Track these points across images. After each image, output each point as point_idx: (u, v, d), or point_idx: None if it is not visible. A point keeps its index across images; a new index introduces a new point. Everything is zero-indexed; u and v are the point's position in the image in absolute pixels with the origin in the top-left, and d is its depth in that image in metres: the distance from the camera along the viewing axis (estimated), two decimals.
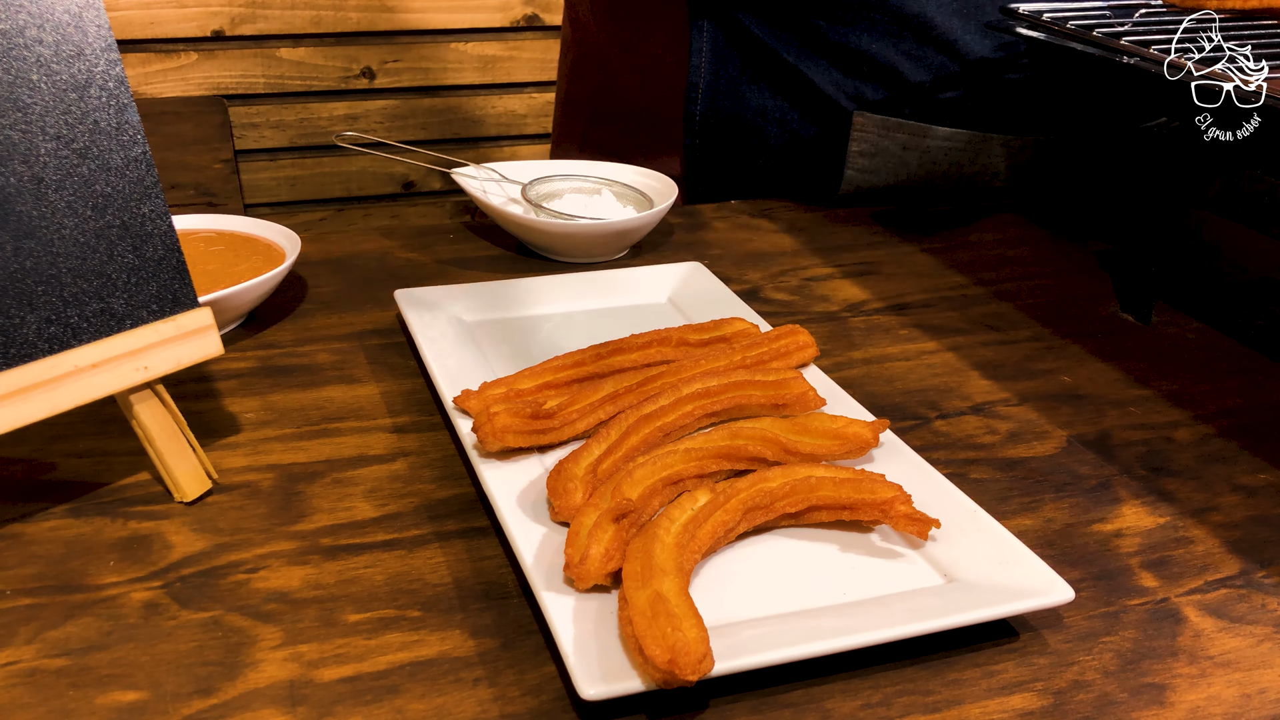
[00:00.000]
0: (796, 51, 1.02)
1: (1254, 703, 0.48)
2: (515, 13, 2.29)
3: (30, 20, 0.52)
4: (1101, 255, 0.95)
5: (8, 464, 0.62)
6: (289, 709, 0.46)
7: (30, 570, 0.54)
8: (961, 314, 0.83)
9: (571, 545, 0.50)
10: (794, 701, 0.47)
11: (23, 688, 0.47)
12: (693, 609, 0.46)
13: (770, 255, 0.93)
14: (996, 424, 0.68)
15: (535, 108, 2.39)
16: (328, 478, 0.61)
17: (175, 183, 2.00)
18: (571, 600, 0.49)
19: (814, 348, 0.70)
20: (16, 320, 0.52)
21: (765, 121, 1.05)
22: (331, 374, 0.72)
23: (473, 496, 0.60)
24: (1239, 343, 0.80)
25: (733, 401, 0.62)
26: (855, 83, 1.02)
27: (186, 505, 0.58)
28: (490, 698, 0.46)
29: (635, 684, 0.44)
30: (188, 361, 0.58)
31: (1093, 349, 0.79)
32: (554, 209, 0.91)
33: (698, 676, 0.43)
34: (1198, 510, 0.61)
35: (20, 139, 0.52)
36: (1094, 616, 0.52)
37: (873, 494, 0.54)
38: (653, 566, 0.48)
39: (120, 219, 0.56)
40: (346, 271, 0.87)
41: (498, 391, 0.63)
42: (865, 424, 0.60)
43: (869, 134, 1.02)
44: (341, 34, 2.20)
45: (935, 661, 0.49)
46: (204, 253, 0.80)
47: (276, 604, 0.52)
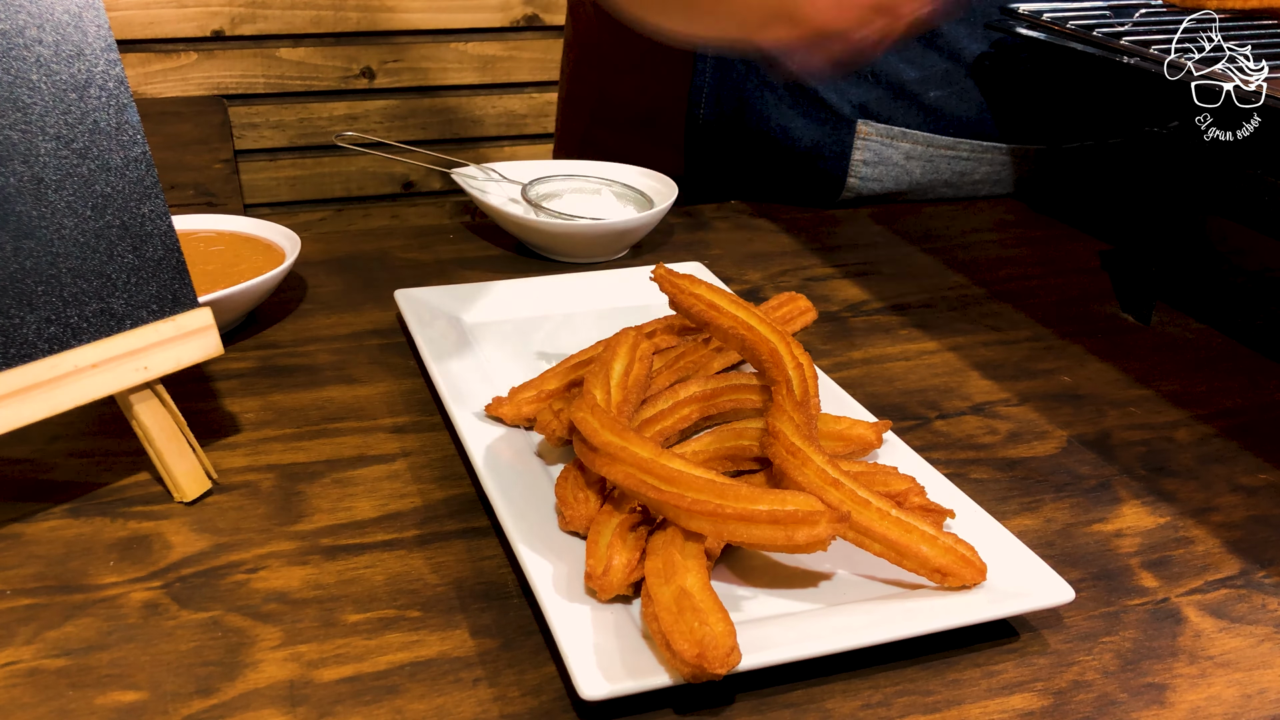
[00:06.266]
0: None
1: (1254, 703, 0.48)
2: (515, 13, 2.29)
3: (30, 20, 0.53)
4: (1102, 255, 0.95)
5: (8, 464, 0.62)
6: (289, 709, 0.46)
7: (30, 570, 0.54)
8: (961, 314, 0.83)
9: (592, 556, 0.50)
10: (794, 701, 0.47)
11: (23, 688, 0.47)
12: (718, 603, 0.46)
13: (770, 255, 0.93)
14: (996, 424, 0.68)
15: (535, 108, 2.39)
16: (328, 478, 0.61)
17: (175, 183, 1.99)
18: (571, 600, 0.49)
19: (814, 311, 0.71)
20: (16, 320, 0.52)
21: (768, 127, 1.05)
22: (331, 374, 0.72)
23: (473, 496, 0.60)
24: (1239, 343, 0.80)
25: (731, 404, 0.62)
26: (859, 90, 1.02)
27: (186, 505, 0.58)
28: (490, 698, 0.46)
29: (636, 684, 0.44)
30: (188, 361, 0.58)
31: (1093, 349, 0.79)
32: (554, 209, 0.91)
33: (726, 670, 0.43)
34: (1198, 510, 0.61)
35: (20, 139, 0.52)
36: (1094, 616, 0.52)
37: (886, 486, 0.54)
38: (675, 562, 0.48)
39: (120, 219, 0.56)
40: (346, 271, 0.87)
41: (528, 395, 0.63)
42: (868, 425, 0.60)
43: (872, 142, 1.02)
44: (341, 34, 2.20)
45: (935, 661, 0.49)
46: (204, 253, 0.79)
47: (276, 604, 0.52)
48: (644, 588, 0.48)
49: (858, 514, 0.50)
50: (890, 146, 1.03)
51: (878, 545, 0.50)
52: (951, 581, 0.50)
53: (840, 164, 1.04)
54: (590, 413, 0.53)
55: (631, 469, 0.50)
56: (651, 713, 0.46)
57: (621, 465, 0.51)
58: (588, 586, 0.49)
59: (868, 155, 1.03)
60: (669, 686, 0.45)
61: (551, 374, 0.65)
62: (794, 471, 0.52)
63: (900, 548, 0.50)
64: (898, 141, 1.03)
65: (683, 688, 0.46)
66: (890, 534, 0.50)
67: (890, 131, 1.02)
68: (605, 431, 0.52)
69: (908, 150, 1.03)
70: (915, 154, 1.04)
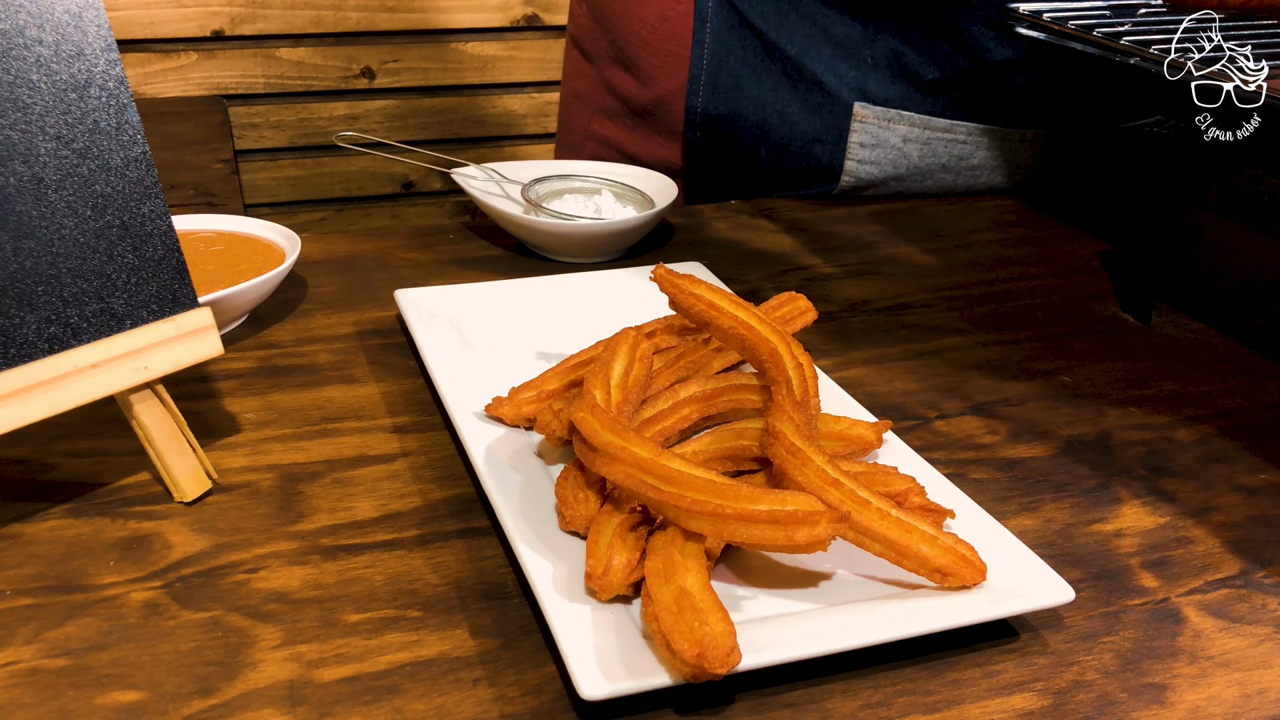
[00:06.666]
0: (799, 44, 1.02)
1: (1254, 703, 0.48)
2: (515, 13, 2.29)
3: (30, 20, 0.52)
4: (1102, 255, 0.95)
5: (8, 464, 0.62)
6: (289, 709, 0.46)
7: (30, 570, 0.54)
8: (961, 314, 0.83)
9: (593, 556, 0.50)
10: (794, 701, 0.47)
11: (23, 688, 0.47)
12: (718, 603, 0.46)
13: (770, 255, 0.93)
14: (996, 424, 0.68)
15: (535, 108, 2.39)
16: (328, 478, 0.61)
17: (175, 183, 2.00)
18: (571, 600, 0.49)
19: (814, 311, 0.71)
20: (16, 320, 0.52)
21: (766, 114, 1.05)
22: (331, 374, 0.72)
23: (473, 496, 0.60)
24: (1239, 343, 0.80)
25: (731, 404, 0.62)
26: (858, 75, 1.02)
27: (186, 505, 0.58)
28: (490, 698, 0.46)
29: (636, 684, 0.44)
30: (188, 361, 0.58)
31: (1093, 349, 0.79)
32: (554, 209, 0.91)
33: (726, 670, 0.43)
34: (1198, 510, 0.61)
35: (20, 139, 0.52)
36: (1094, 616, 0.52)
37: (886, 486, 0.54)
38: (675, 562, 0.48)
39: (120, 219, 0.56)
40: (346, 271, 0.87)
41: (528, 395, 0.63)
42: (868, 425, 0.60)
43: (869, 125, 1.03)
44: (341, 34, 2.20)
45: (935, 661, 0.49)
46: (204, 253, 0.79)
47: (276, 604, 0.52)
48: (644, 588, 0.48)
49: (858, 514, 0.50)
50: (887, 129, 1.03)
51: (878, 545, 0.50)
52: (951, 581, 0.50)
53: (838, 147, 1.04)
54: (590, 413, 0.53)
55: (631, 469, 0.50)
56: (651, 713, 0.46)
57: (621, 465, 0.51)
58: (588, 586, 0.49)
59: (864, 138, 1.03)
60: (669, 686, 0.45)
61: (551, 374, 0.65)
62: (794, 471, 0.52)
63: (900, 548, 0.50)
64: (895, 124, 1.03)
65: (683, 688, 0.46)
66: (890, 534, 0.50)
67: (887, 114, 1.03)
68: (605, 431, 0.52)
69: (904, 133, 1.03)
70: (912, 136, 1.04)
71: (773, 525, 0.47)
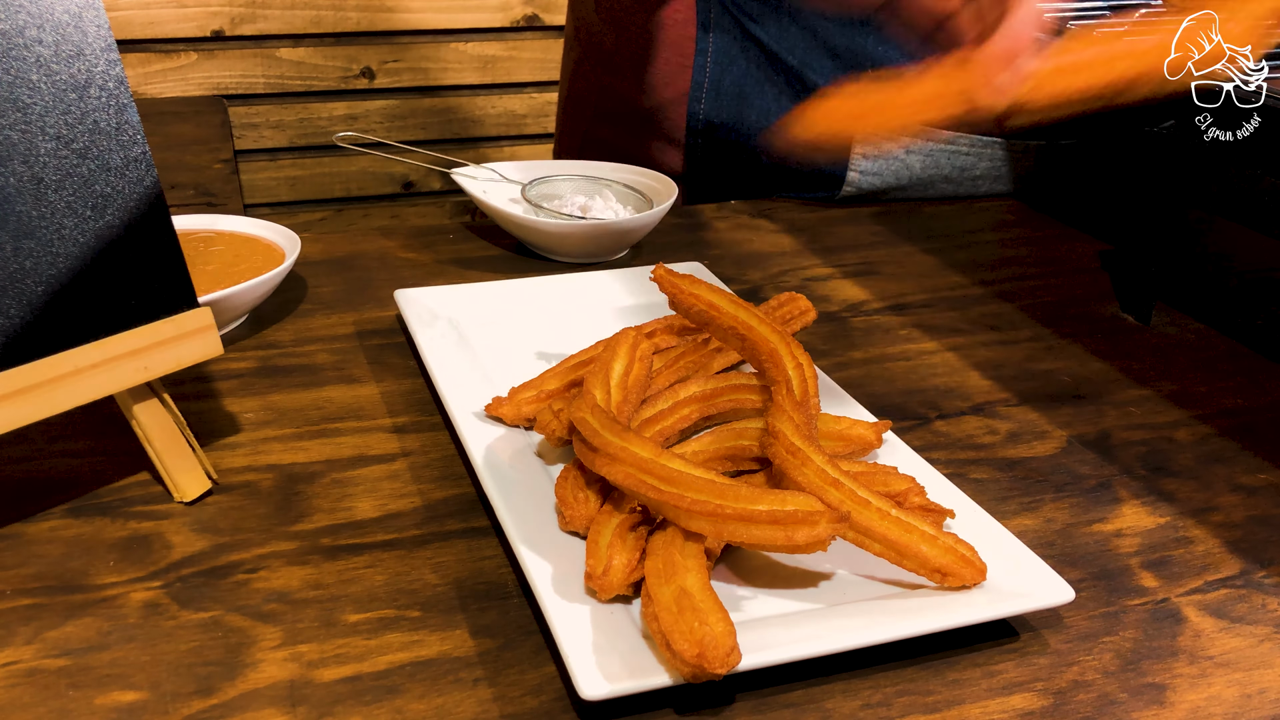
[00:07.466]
0: (800, 56, 1.02)
1: (1254, 703, 0.48)
2: (515, 13, 2.29)
3: (30, 20, 0.52)
4: (1102, 255, 0.95)
5: (8, 464, 0.62)
6: (289, 709, 0.46)
7: (30, 570, 0.53)
8: (961, 314, 0.83)
9: (593, 556, 0.50)
10: (794, 701, 0.47)
11: (23, 688, 0.47)
12: (718, 603, 0.46)
13: (770, 255, 0.93)
14: (996, 424, 0.68)
15: (535, 108, 2.39)
16: (328, 478, 0.61)
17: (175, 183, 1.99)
18: (571, 600, 0.49)
19: (814, 311, 0.71)
20: (16, 320, 0.52)
21: (768, 122, 1.05)
22: (331, 374, 0.72)
23: (473, 496, 0.60)
24: (1239, 343, 0.80)
25: (731, 404, 0.62)
26: None
27: (186, 505, 0.58)
28: (490, 698, 0.46)
29: (636, 684, 0.44)
30: (188, 361, 0.58)
31: (1093, 349, 0.79)
32: (554, 209, 0.91)
33: (726, 670, 0.43)
34: (1198, 510, 0.61)
35: (20, 139, 0.52)
36: (1094, 616, 0.52)
37: (886, 486, 0.54)
38: (675, 562, 0.48)
39: (120, 219, 0.56)
40: (346, 271, 0.87)
41: (528, 395, 0.63)
42: (868, 425, 0.60)
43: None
44: (341, 34, 2.20)
45: (935, 661, 0.49)
46: (204, 253, 0.79)
47: (276, 604, 0.52)
48: (644, 588, 0.48)
49: (858, 514, 0.50)
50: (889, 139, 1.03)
51: (878, 545, 0.50)
52: (951, 581, 0.50)
53: (840, 158, 1.04)
54: (590, 413, 0.53)
55: (631, 469, 0.50)
56: (651, 713, 0.46)
57: (621, 465, 0.51)
58: (588, 586, 0.49)
59: (866, 149, 1.03)
60: (669, 686, 0.45)
61: (551, 374, 0.65)
62: (794, 471, 0.52)
63: (900, 548, 0.50)
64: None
65: (683, 688, 0.46)
66: (890, 534, 0.50)
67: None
68: (605, 431, 0.52)
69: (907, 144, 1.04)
70: (915, 148, 1.04)
71: (773, 525, 0.47)
